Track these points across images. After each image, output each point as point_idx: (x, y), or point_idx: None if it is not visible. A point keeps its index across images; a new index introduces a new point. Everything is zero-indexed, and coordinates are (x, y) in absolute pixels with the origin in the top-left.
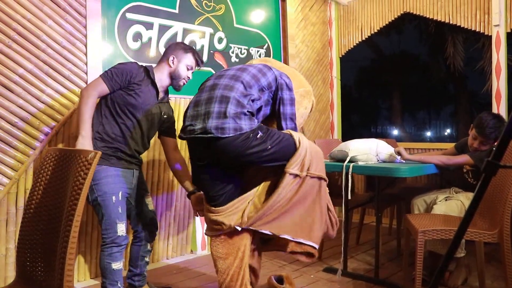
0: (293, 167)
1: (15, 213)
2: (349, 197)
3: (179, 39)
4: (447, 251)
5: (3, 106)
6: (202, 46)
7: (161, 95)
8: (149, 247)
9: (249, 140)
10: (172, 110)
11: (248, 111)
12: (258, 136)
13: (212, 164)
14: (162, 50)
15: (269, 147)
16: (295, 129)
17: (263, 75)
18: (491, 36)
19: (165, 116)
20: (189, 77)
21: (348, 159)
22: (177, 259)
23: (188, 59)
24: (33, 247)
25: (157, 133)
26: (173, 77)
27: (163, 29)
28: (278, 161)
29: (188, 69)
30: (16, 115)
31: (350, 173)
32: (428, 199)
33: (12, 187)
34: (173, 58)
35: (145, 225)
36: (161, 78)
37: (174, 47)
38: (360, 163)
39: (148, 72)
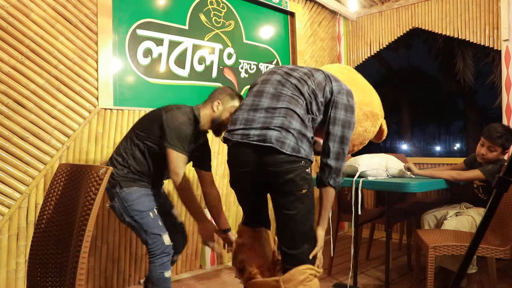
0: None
1: (26, 228)
2: (359, 212)
3: (189, 55)
4: (459, 267)
5: (15, 121)
6: (212, 62)
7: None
8: (176, 258)
9: (296, 165)
10: (209, 147)
11: (311, 136)
12: (306, 170)
13: (255, 176)
14: (172, 65)
15: (305, 191)
16: (343, 138)
17: (320, 91)
18: (500, 50)
19: (197, 154)
20: None
21: (357, 174)
22: (186, 274)
23: (234, 107)
24: (44, 262)
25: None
26: (215, 122)
27: (173, 45)
28: (297, 220)
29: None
30: (28, 130)
31: (359, 188)
32: (438, 215)
33: (23, 202)
34: (218, 103)
35: (175, 237)
36: (203, 122)
37: (221, 91)
38: (369, 178)
39: (196, 124)
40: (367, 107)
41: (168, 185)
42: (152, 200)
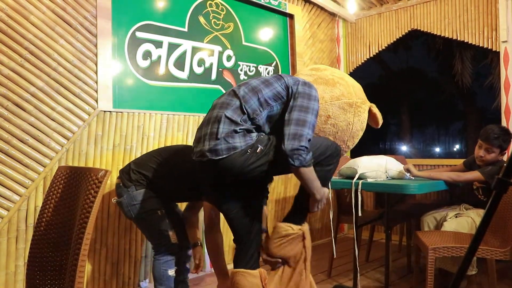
0: None
1: (25, 230)
2: (359, 214)
3: (188, 57)
4: (459, 268)
5: (15, 123)
6: (211, 64)
7: None
8: (189, 252)
9: (248, 156)
10: None
11: (241, 129)
12: (258, 151)
13: (220, 186)
14: (171, 68)
15: (273, 157)
16: (298, 121)
17: (267, 86)
18: (499, 52)
19: None
20: None
21: (357, 176)
22: None
23: None
24: (43, 264)
25: None
26: None
27: (172, 47)
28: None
29: None
30: (27, 132)
31: (359, 190)
32: (438, 216)
33: (22, 204)
34: None
35: (182, 233)
36: None
37: None
38: (369, 180)
39: None
40: (339, 100)
41: None
42: (159, 201)
